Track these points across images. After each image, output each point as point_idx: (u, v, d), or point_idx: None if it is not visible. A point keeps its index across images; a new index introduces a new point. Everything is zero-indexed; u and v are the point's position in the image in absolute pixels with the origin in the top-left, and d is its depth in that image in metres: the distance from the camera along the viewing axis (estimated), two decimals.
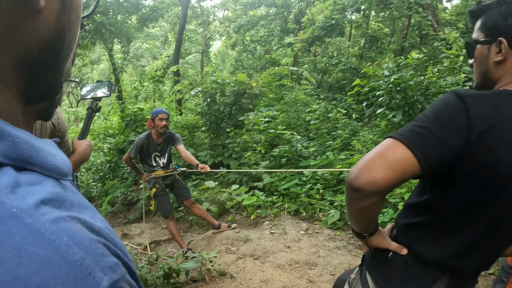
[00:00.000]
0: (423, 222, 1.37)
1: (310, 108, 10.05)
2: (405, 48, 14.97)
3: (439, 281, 1.35)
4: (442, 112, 1.19)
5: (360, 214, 1.32)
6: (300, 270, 4.21)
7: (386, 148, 1.19)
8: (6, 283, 0.30)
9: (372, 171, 1.16)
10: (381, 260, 1.46)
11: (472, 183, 1.21)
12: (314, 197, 6.15)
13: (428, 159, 1.15)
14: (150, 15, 17.06)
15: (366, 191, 1.17)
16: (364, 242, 1.52)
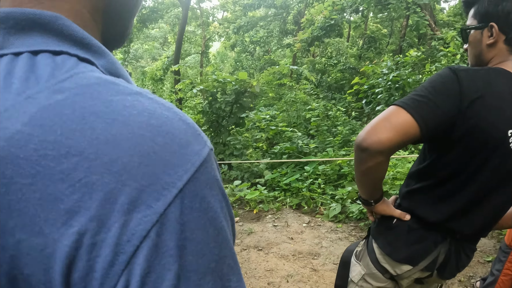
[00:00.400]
0: (424, 188, 1.50)
1: (310, 106, 10.17)
2: (404, 48, 15.12)
3: (440, 244, 1.50)
4: (438, 83, 1.35)
5: (368, 175, 1.43)
6: (303, 260, 4.32)
7: (390, 114, 1.33)
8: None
9: (378, 132, 1.29)
10: (386, 226, 1.59)
11: (466, 146, 1.36)
12: (316, 191, 6.27)
13: (427, 122, 1.29)
14: (150, 16, 17.20)
15: (373, 150, 1.30)
16: (370, 210, 1.64)
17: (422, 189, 1.51)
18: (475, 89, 1.31)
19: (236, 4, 23.39)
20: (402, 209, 1.56)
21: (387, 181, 5.56)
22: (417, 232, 1.51)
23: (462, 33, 1.58)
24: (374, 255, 1.64)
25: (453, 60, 7.85)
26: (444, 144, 1.39)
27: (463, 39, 1.60)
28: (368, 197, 1.57)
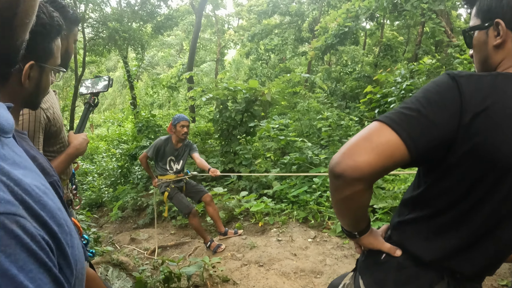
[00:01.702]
0: (418, 219, 1.27)
1: (322, 115, 9.97)
2: (419, 55, 14.84)
3: (436, 286, 1.24)
4: (433, 93, 1.11)
5: (346, 206, 1.22)
6: (305, 279, 4.12)
7: (370, 131, 1.11)
8: None
9: (355, 155, 1.07)
10: (374, 262, 1.36)
11: (468, 169, 1.12)
12: (324, 204, 6.06)
13: (417, 142, 1.06)
14: (165, 23, 17.20)
15: (348, 177, 1.08)
16: (356, 243, 1.43)
17: (416, 220, 1.27)
18: (479, 99, 1.07)
19: (251, 11, 23.36)
20: (392, 243, 1.33)
21: (397, 196, 5.33)
22: (408, 270, 1.27)
23: (465, 36, 1.34)
24: None
25: (469, 68, 7.61)
26: (441, 167, 1.15)
27: (467, 44, 1.36)
28: (351, 228, 1.34)
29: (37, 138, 1.86)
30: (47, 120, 1.93)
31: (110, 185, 10.58)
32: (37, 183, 0.57)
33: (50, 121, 1.95)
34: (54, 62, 1.27)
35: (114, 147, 12.85)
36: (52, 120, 1.97)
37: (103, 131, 23.35)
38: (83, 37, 13.56)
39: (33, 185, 0.54)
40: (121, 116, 16.60)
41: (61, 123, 2.07)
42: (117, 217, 8.49)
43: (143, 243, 6.40)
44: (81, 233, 1.82)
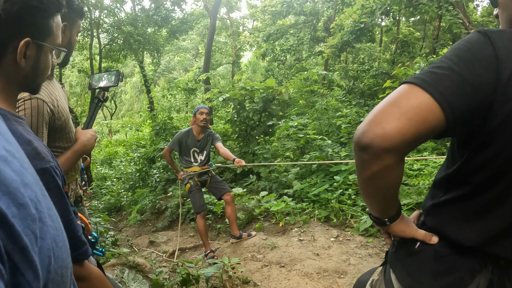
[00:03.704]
0: (456, 199, 1.10)
1: (341, 112, 9.80)
2: (437, 49, 14.54)
3: (479, 274, 1.09)
4: (464, 50, 0.96)
5: (374, 185, 1.05)
6: (328, 279, 3.96)
7: (399, 95, 0.96)
8: None
9: (383, 122, 0.93)
10: (407, 253, 1.21)
11: (510, 137, 0.96)
12: (346, 202, 5.89)
13: (452, 103, 0.92)
14: (180, 28, 17.22)
15: (377, 148, 0.94)
16: (385, 231, 1.26)
17: (453, 201, 1.11)
18: None
19: (265, 12, 23.27)
20: (427, 229, 1.18)
21: (422, 192, 5.13)
22: (447, 259, 1.12)
23: None
24: (391, 287, 1.25)
25: None
26: (479, 136, 0.99)
27: (492, 2, 1.19)
28: (380, 214, 1.18)
29: (40, 133, 1.75)
30: (51, 114, 1.82)
31: (129, 189, 10.58)
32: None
33: (54, 114, 1.84)
34: (54, 41, 1.15)
35: (133, 151, 12.87)
36: (57, 113, 1.86)
37: (121, 136, 23.52)
38: (99, 42, 13.63)
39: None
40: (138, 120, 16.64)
41: (67, 116, 1.97)
42: (136, 220, 8.44)
43: (162, 245, 6.32)
44: (89, 231, 1.71)
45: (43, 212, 0.50)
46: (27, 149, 0.97)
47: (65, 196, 1.08)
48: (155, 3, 16.32)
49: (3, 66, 1.01)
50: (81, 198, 2.21)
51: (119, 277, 3.41)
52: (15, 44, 1.01)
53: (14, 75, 1.05)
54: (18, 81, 1.08)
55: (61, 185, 1.07)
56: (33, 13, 1.03)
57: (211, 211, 7.14)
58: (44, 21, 1.07)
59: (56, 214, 0.57)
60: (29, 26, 1.03)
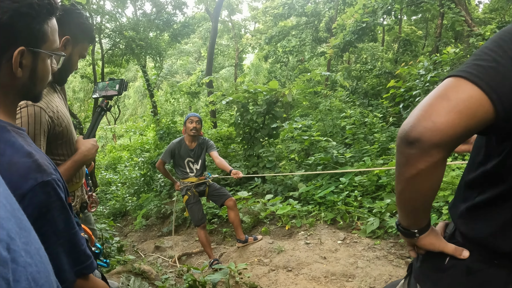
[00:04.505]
0: (494, 199, 1.04)
1: (345, 113, 9.76)
2: (440, 48, 14.49)
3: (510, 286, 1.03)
4: (507, 41, 0.92)
5: (415, 187, 1.00)
6: (336, 283, 3.92)
7: (446, 88, 0.92)
8: None
9: (432, 115, 0.90)
10: (436, 268, 1.16)
11: None
12: (352, 204, 5.84)
13: (502, 96, 0.87)
14: (182, 31, 17.20)
15: (427, 142, 0.90)
16: (411, 244, 1.21)
17: (491, 201, 1.04)
18: None
19: (267, 14, 23.26)
20: (456, 242, 1.12)
21: None
22: (479, 274, 1.06)
23: None
24: None
25: None
26: None
27: None
28: (411, 224, 1.13)
29: (38, 141, 1.69)
30: (50, 121, 1.78)
31: (134, 193, 10.56)
32: None
33: (53, 121, 1.80)
34: (50, 46, 1.12)
35: (137, 156, 12.86)
36: (56, 120, 1.82)
37: (125, 141, 23.53)
38: (101, 48, 13.62)
39: None
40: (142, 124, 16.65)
41: (68, 122, 1.92)
42: (141, 225, 8.41)
43: (168, 250, 6.28)
44: (92, 243, 1.68)
45: (17, 251, 0.46)
46: (27, 162, 0.95)
47: (68, 209, 1.05)
48: (156, 7, 16.33)
49: (0, 75, 0.99)
50: (87, 204, 2.17)
51: (125, 284, 3.38)
52: (9, 54, 0.98)
53: (11, 85, 1.03)
54: (17, 91, 1.06)
55: (64, 197, 1.04)
56: (25, 20, 1.00)
57: (216, 215, 7.11)
58: (38, 27, 1.04)
59: (37, 247, 0.53)
60: (22, 34, 1.00)
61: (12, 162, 0.91)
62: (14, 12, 0.96)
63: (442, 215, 4.50)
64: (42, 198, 0.94)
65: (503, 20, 15.58)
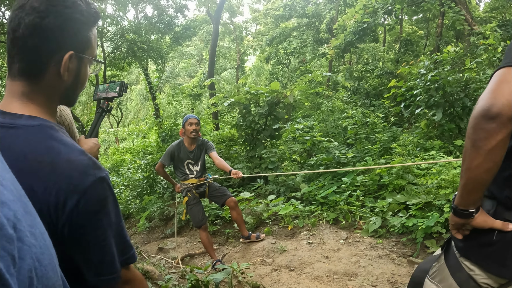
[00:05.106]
0: None
1: (347, 113, 9.77)
2: (441, 47, 14.50)
3: None
4: None
5: (493, 157, 1.17)
6: (339, 282, 3.93)
7: (503, 76, 1.15)
8: None
9: (505, 95, 1.11)
10: (485, 243, 1.33)
11: None
12: (354, 204, 5.86)
13: None
14: (183, 34, 17.26)
15: (505, 116, 1.10)
16: (462, 224, 1.37)
17: None
18: None
19: (268, 16, 23.30)
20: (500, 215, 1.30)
21: (430, 190, 5.09)
22: None
23: None
24: (464, 275, 1.39)
25: (494, 54, 7.31)
26: None
27: None
28: (471, 203, 1.30)
29: None
30: None
31: (137, 196, 10.58)
32: None
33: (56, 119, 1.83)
34: (92, 53, 1.16)
35: (140, 158, 12.89)
36: (59, 118, 1.86)
37: (128, 144, 23.58)
38: (103, 51, 13.69)
39: None
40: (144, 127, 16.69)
41: (70, 120, 1.96)
42: (145, 227, 8.44)
43: (171, 252, 6.31)
44: None
45: (23, 231, 0.48)
46: (84, 159, 0.99)
47: (118, 203, 1.09)
48: (157, 11, 16.39)
49: (46, 79, 1.03)
50: None
51: None
52: (58, 57, 1.02)
53: (56, 88, 1.07)
54: (60, 93, 1.10)
55: None
56: (76, 26, 1.04)
57: (219, 216, 7.13)
58: (85, 34, 1.08)
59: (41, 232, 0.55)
60: (72, 39, 1.04)
61: (71, 159, 0.95)
62: (67, 17, 1.00)
63: (443, 213, 4.51)
64: (101, 192, 0.98)
65: (503, 18, 15.59)
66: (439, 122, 6.96)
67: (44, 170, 0.91)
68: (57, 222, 0.92)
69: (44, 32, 0.96)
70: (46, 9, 0.96)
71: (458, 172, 5.04)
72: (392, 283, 3.80)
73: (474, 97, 7.04)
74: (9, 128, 0.95)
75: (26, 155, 0.92)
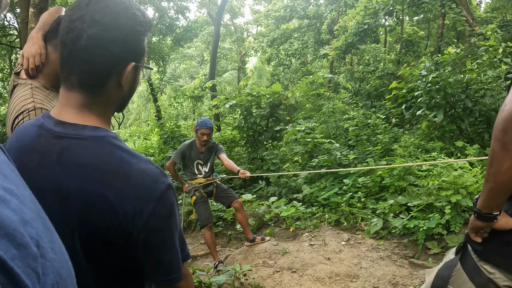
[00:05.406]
0: None
1: (348, 115, 9.79)
2: (442, 48, 14.52)
3: None
4: None
5: None
6: (340, 283, 3.96)
7: None
8: None
9: None
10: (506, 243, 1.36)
11: None
12: (355, 206, 5.88)
13: None
14: (184, 35, 17.31)
15: None
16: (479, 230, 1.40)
17: None
18: None
19: (269, 17, 23.33)
20: None
21: (432, 192, 5.11)
22: None
23: None
24: (484, 278, 1.40)
25: (495, 55, 7.32)
26: None
27: None
28: (496, 206, 1.31)
29: None
30: None
31: None
32: None
33: None
34: (144, 61, 1.18)
35: None
36: None
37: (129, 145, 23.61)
38: None
39: None
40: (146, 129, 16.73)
41: None
42: None
43: None
44: None
45: (45, 248, 0.50)
46: (153, 168, 1.02)
47: None
48: (158, 12, 16.44)
49: (107, 90, 1.04)
50: None
51: None
52: (119, 69, 1.04)
53: (114, 98, 1.09)
54: (117, 103, 1.12)
55: None
56: (137, 37, 1.06)
57: (221, 218, 7.15)
58: (143, 44, 1.10)
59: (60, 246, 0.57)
60: (133, 50, 1.06)
61: (142, 169, 0.99)
62: (130, 30, 1.02)
63: (444, 215, 4.53)
64: (170, 198, 1.02)
65: (504, 19, 15.61)
66: (440, 124, 6.97)
67: (119, 180, 0.95)
68: (133, 228, 0.96)
69: (108, 45, 0.98)
70: (110, 22, 0.97)
71: (459, 174, 5.05)
72: (394, 284, 3.82)
73: (475, 98, 7.06)
74: (73, 138, 0.98)
75: (97, 166, 0.95)
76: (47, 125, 1.02)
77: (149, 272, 1.06)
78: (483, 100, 7.07)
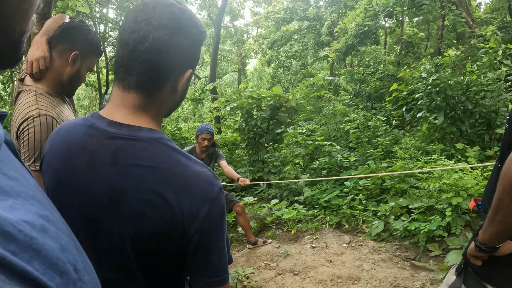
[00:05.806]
0: None
1: (349, 117, 9.81)
2: (442, 49, 14.54)
3: None
4: None
5: None
6: (342, 286, 3.98)
7: None
8: None
9: None
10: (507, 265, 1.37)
11: None
12: (357, 208, 5.90)
13: None
14: None
15: None
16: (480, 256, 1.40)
17: None
18: None
19: (269, 19, 23.37)
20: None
21: (432, 194, 5.14)
22: None
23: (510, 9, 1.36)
24: None
25: (494, 57, 7.35)
26: None
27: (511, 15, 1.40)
28: (500, 241, 1.33)
29: None
30: None
31: None
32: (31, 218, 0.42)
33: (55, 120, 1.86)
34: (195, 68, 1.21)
35: None
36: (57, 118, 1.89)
37: None
38: (105, 56, 13.76)
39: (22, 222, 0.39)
40: None
41: None
42: None
43: None
44: None
45: (81, 270, 0.50)
46: (207, 170, 1.03)
47: None
48: None
49: (162, 93, 1.05)
50: None
51: None
52: (177, 74, 1.05)
53: (167, 102, 1.10)
54: (169, 107, 1.13)
55: None
56: (197, 45, 1.08)
57: None
58: (199, 53, 1.12)
59: (90, 265, 0.58)
60: (193, 57, 1.08)
61: (198, 171, 1.00)
62: (193, 38, 1.04)
63: (445, 217, 4.56)
64: (222, 200, 1.04)
65: (504, 20, 15.63)
66: (441, 126, 7.00)
67: (178, 181, 0.96)
68: (189, 229, 0.97)
69: (172, 49, 0.99)
70: (176, 28, 0.98)
71: (460, 176, 5.08)
72: (395, 286, 3.85)
73: (475, 100, 7.09)
74: (129, 139, 0.99)
75: (155, 166, 0.96)
76: (99, 125, 1.02)
77: (196, 273, 1.05)
78: (483, 102, 7.10)
